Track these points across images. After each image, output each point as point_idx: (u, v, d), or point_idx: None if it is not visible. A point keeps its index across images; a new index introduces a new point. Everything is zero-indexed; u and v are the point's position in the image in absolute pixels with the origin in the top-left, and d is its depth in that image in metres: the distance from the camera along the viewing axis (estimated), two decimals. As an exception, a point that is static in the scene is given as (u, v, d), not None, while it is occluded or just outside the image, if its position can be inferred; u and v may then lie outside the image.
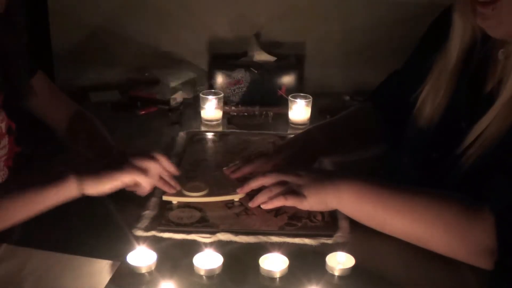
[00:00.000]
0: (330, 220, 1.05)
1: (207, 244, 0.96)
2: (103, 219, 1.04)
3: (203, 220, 1.04)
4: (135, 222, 1.02)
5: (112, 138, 1.22)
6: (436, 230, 0.94)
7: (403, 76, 1.25)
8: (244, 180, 1.12)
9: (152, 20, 1.86)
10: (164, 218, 1.05)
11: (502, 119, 0.94)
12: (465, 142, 1.00)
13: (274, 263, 0.90)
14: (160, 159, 1.07)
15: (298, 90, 1.67)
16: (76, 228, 1.02)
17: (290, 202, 1.04)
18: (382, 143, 1.29)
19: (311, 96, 1.56)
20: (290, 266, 0.90)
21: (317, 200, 1.03)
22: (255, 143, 1.41)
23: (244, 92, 1.73)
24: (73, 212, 1.02)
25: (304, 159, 1.19)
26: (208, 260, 0.90)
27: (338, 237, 1.00)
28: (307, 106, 1.55)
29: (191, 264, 0.90)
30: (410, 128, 1.15)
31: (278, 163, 1.16)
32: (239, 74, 1.73)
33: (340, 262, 0.91)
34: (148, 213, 1.05)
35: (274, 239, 0.99)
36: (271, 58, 1.79)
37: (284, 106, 1.60)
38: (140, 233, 1.00)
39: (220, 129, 1.54)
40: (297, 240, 0.99)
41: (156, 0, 1.86)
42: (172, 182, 1.09)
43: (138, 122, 1.59)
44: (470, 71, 1.05)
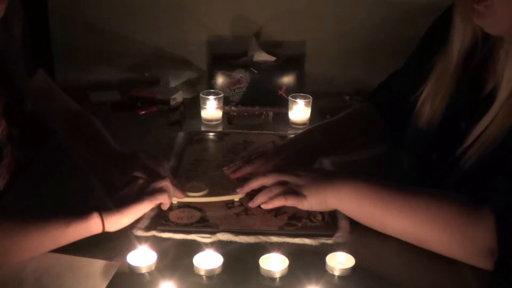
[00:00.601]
0: (330, 220, 1.05)
1: (207, 244, 0.96)
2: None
3: (203, 220, 1.04)
4: (135, 222, 1.02)
5: (112, 138, 1.22)
6: (436, 230, 0.94)
7: (403, 76, 1.25)
8: (244, 180, 1.12)
9: (152, 20, 1.86)
10: (164, 218, 1.05)
11: (502, 120, 0.94)
12: (465, 143, 0.99)
13: (274, 263, 0.90)
14: (166, 175, 1.09)
15: (298, 90, 1.67)
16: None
17: (290, 202, 1.04)
18: (382, 143, 1.29)
19: (311, 96, 1.56)
20: (290, 266, 0.90)
21: (317, 200, 1.03)
22: (255, 143, 1.41)
23: (244, 92, 1.73)
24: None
25: (304, 159, 1.19)
26: (208, 260, 0.90)
27: (338, 237, 1.00)
28: (307, 106, 1.55)
29: (191, 264, 0.90)
30: (410, 128, 1.15)
31: (278, 163, 1.16)
32: (239, 74, 1.73)
33: (340, 262, 0.91)
34: (148, 213, 1.04)
35: (274, 239, 0.99)
36: (271, 58, 1.79)
37: (284, 106, 1.60)
38: (140, 233, 1.00)
39: (220, 129, 1.53)
40: (297, 240, 0.99)
41: (156, 0, 1.86)
42: (177, 191, 1.09)
43: (138, 122, 1.59)
44: (470, 72, 1.05)
